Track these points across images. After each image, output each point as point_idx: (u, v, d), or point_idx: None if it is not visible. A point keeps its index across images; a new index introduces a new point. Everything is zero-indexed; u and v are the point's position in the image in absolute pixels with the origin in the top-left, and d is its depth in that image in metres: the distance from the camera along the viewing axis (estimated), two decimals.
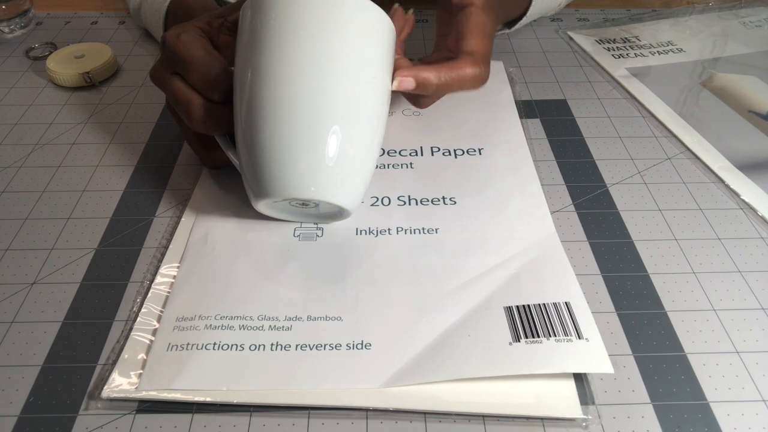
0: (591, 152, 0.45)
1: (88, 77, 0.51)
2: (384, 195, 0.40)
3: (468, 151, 0.44)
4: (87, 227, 0.39)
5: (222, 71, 0.34)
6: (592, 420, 0.29)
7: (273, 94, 0.32)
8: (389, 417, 0.29)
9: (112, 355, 0.31)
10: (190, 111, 0.35)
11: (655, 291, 0.35)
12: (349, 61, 0.32)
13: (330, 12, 0.32)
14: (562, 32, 0.60)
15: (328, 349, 0.31)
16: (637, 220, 0.39)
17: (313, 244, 0.37)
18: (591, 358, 0.30)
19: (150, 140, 0.46)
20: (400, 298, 0.33)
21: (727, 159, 0.44)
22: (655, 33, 0.59)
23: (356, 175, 0.34)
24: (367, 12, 0.33)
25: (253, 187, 0.34)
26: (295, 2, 0.32)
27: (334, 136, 0.32)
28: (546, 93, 0.51)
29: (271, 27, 0.32)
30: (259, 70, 0.32)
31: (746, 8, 0.63)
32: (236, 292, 0.34)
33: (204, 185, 0.41)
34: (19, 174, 0.43)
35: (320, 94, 0.32)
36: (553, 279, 0.34)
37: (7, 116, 0.49)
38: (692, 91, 0.51)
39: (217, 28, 0.38)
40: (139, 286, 0.35)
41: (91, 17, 0.63)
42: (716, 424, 0.29)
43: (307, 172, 0.32)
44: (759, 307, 0.34)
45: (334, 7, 0.32)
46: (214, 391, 0.29)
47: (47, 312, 0.34)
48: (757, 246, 0.38)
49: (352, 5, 0.33)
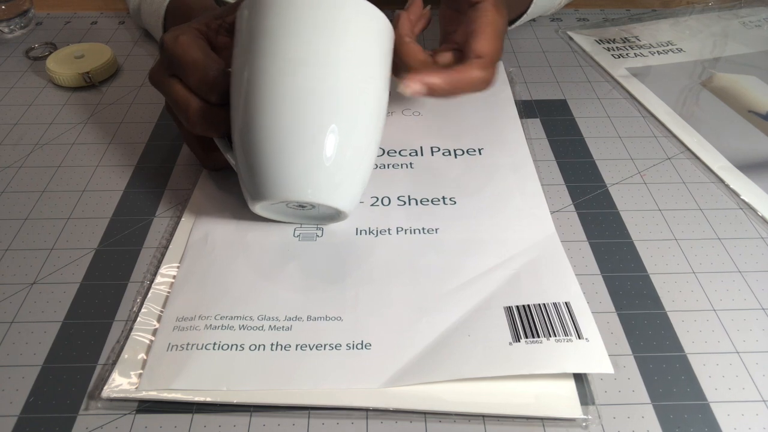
0: (591, 152, 0.45)
1: (88, 77, 0.51)
2: (384, 195, 0.40)
3: (468, 151, 0.44)
4: (87, 227, 0.39)
5: (219, 73, 0.34)
6: (592, 420, 0.29)
7: (269, 95, 0.31)
8: (389, 417, 0.29)
9: (112, 355, 0.31)
10: (189, 113, 0.35)
11: (655, 291, 0.35)
12: (346, 63, 0.32)
13: (328, 13, 0.32)
14: (562, 32, 0.60)
15: (328, 349, 0.31)
16: (637, 220, 0.39)
17: (313, 244, 0.37)
18: (591, 358, 0.30)
19: (150, 140, 0.46)
20: (400, 298, 0.33)
21: (727, 159, 0.44)
22: (655, 33, 0.59)
23: (353, 177, 0.34)
24: (365, 13, 0.33)
25: (249, 189, 0.34)
26: (293, 3, 0.32)
27: (331, 138, 0.32)
28: (546, 93, 0.51)
29: (268, 28, 0.32)
30: (256, 72, 0.32)
31: (746, 8, 0.63)
32: (236, 292, 0.34)
33: (204, 185, 0.41)
34: (19, 174, 0.43)
35: (317, 96, 0.31)
36: (553, 279, 0.34)
37: (7, 116, 0.49)
38: (692, 91, 0.51)
39: (215, 30, 0.37)
40: (139, 286, 0.35)
41: (91, 17, 0.63)
42: (716, 424, 0.29)
43: (303, 175, 0.32)
44: (759, 307, 0.34)
45: (332, 9, 0.32)
46: (214, 391, 0.29)
47: (47, 312, 0.34)
48: (757, 246, 0.38)
49: (351, 7, 0.33)
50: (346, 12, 0.33)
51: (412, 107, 0.48)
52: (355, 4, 0.33)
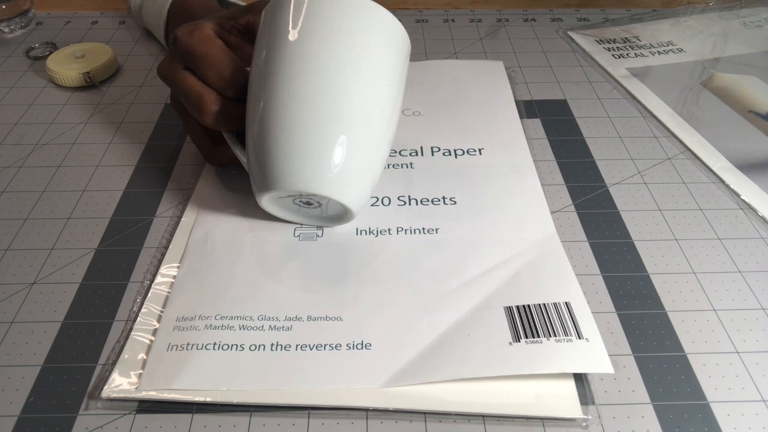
0: (591, 152, 0.45)
1: (88, 77, 0.51)
2: (384, 195, 0.40)
3: (468, 151, 0.44)
4: (87, 227, 0.39)
5: (238, 69, 0.35)
6: (592, 420, 0.29)
7: (291, 93, 0.32)
8: (389, 417, 0.29)
9: (112, 355, 0.31)
10: (202, 105, 0.35)
11: (655, 291, 0.35)
12: (364, 68, 0.33)
13: (349, 20, 0.33)
14: (562, 32, 0.60)
15: (328, 349, 0.31)
16: (637, 220, 0.39)
17: (314, 244, 0.37)
18: (591, 358, 0.30)
19: (150, 140, 0.46)
20: (401, 298, 0.33)
21: (727, 159, 0.44)
22: (655, 33, 0.59)
23: (364, 175, 0.34)
24: (384, 21, 0.34)
25: (259, 180, 0.34)
26: (320, 10, 0.33)
27: (347, 136, 0.32)
28: (546, 93, 0.51)
29: (291, 32, 0.33)
30: (278, 72, 0.33)
31: (746, 8, 0.63)
32: (236, 292, 0.34)
33: (204, 185, 0.41)
34: (19, 174, 0.43)
35: (337, 97, 0.32)
36: (553, 279, 0.34)
37: (7, 116, 0.49)
38: (692, 91, 0.51)
39: (228, 30, 0.38)
40: (139, 286, 0.35)
41: (91, 17, 0.63)
42: (716, 424, 0.29)
43: (315, 168, 0.32)
44: (759, 307, 0.34)
45: (353, 16, 0.33)
46: (214, 391, 0.29)
47: (47, 312, 0.34)
48: (757, 246, 0.38)
49: (371, 15, 0.34)
50: (365, 19, 0.34)
51: (412, 107, 0.48)
52: (375, 12, 0.34)
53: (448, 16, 0.63)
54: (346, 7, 0.33)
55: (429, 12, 0.64)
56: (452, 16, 0.63)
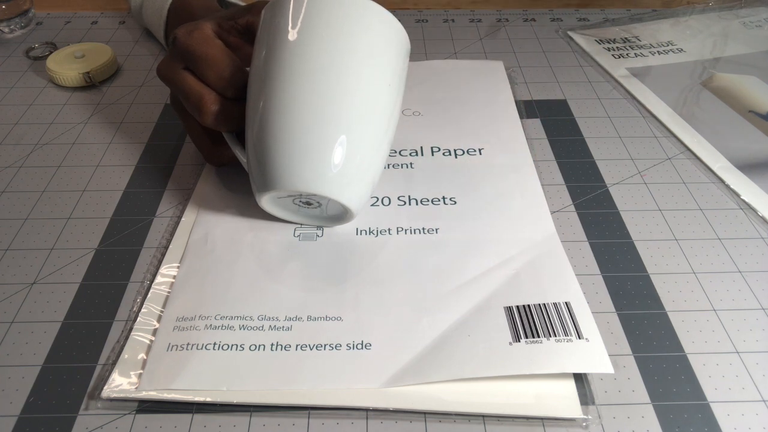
0: (591, 152, 0.45)
1: (88, 77, 0.51)
2: (384, 195, 0.40)
3: (468, 151, 0.44)
4: (87, 227, 0.39)
5: (237, 69, 0.35)
6: (592, 420, 0.29)
7: (291, 93, 0.32)
8: (389, 417, 0.29)
9: (112, 355, 0.31)
10: (202, 105, 0.35)
11: (655, 291, 0.35)
12: (365, 69, 0.33)
13: (350, 21, 0.33)
14: (562, 32, 0.60)
15: (329, 349, 0.31)
16: (637, 220, 0.39)
17: (314, 244, 0.37)
18: (591, 358, 0.30)
19: (150, 140, 0.46)
20: (401, 298, 0.33)
21: (727, 159, 0.44)
22: (655, 33, 0.59)
23: (364, 175, 0.34)
24: (384, 23, 0.34)
25: (259, 180, 0.34)
26: (320, 10, 0.33)
27: (347, 136, 0.32)
28: (546, 93, 0.51)
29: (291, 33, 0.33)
30: (278, 72, 0.33)
31: (746, 8, 0.63)
32: (236, 292, 0.34)
33: (204, 185, 0.41)
34: (19, 174, 0.43)
35: (337, 97, 0.33)
36: (553, 279, 0.34)
37: (7, 116, 0.49)
38: (692, 91, 0.51)
39: (227, 30, 0.38)
40: (139, 286, 0.35)
41: (91, 17, 0.63)
42: (716, 424, 0.29)
43: (315, 168, 0.32)
44: (759, 307, 0.34)
45: (353, 17, 0.33)
46: (214, 391, 0.29)
47: (47, 312, 0.34)
48: (757, 246, 0.38)
49: (371, 15, 0.34)
50: (365, 19, 0.34)
51: (412, 107, 0.48)
52: (375, 12, 0.34)
53: (447, 16, 0.63)
54: (345, 7, 0.33)
55: (429, 12, 0.64)
56: (452, 16, 0.63)
